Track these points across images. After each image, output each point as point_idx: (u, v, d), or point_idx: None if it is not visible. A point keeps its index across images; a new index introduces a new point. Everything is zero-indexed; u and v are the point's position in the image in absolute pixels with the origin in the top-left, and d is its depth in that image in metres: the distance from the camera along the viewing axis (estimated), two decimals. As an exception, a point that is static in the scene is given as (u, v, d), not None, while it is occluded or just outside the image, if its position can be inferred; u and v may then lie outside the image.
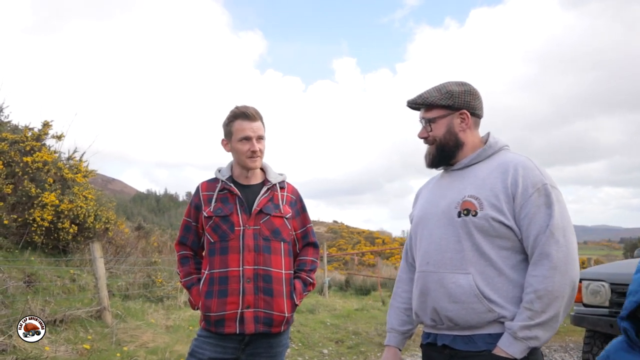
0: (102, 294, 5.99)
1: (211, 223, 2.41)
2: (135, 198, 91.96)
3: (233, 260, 2.34)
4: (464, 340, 1.78)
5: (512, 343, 1.67)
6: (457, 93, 1.93)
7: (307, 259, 2.57)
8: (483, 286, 1.75)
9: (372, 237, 53.26)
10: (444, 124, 1.94)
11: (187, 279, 2.50)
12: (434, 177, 2.16)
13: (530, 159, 1.85)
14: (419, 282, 1.91)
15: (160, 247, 12.81)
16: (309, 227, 2.62)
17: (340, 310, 9.99)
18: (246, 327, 2.30)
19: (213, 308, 2.32)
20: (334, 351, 6.87)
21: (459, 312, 1.76)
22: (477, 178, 1.86)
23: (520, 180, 1.77)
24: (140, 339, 5.71)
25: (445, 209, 1.88)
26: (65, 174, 8.23)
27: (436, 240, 1.87)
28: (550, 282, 1.67)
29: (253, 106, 2.46)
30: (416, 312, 1.95)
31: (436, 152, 1.96)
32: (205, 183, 2.54)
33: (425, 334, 1.97)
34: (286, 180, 2.59)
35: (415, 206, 2.16)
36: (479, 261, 1.77)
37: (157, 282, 7.85)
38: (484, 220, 1.76)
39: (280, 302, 2.36)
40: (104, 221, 8.36)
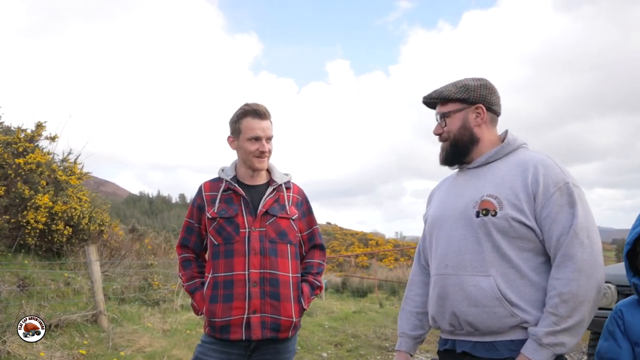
0: (98, 298, 5.87)
1: (215, 225, 2.32)
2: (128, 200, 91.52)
3: (238, 263, 2.26)
4: (485, 346, 1.71)
5: (537, 350, 1.60)
6: (472, 87, 1.87)
7: (314, 262, 2.48)
8: (505, 289, 1.67)
9: (365, 239, 53.22)
10: (458, 118, 1.87)
11: (190, 283, 2.41)
12: (449, 177, 2.08)
13: (550, 157, 1.78)
14: (437, 286, 1.83)
15: (154, 249, 12.67)
16: (316, 229, 2.54)
17: (338, 313, 9.91)
18: (253, 333, 2.22)
19: (218, 313, 2.23)
20: (334, 354, 6.79)
21: (480, 317, 1.69)
22: (496, 176, 1.79)
23: (541, 179, 1.69)
24: (137, 344, 5.60)
25: (463, 209, 1.80)
26: (59, 175, 8.10)
27: (454, 242, 1.79)
28: (575, 285, 1.60)
29: (263, 104, 2.37)
30: (433, 316, 1.87)
31: (450, 148, 1.90)
32: (208, 183, 2.45)
33: (442, 340, 1.89)
34: (292, 180, 2.51)
35: (429, 206, 2.08)
36: (499, 263, 1.70)
37: (153, 285, 7.73)
38: (504, 221, 1.69)
39: (288, 306, 2.27)
40: (98, 223, 8.23)
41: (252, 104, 2.36)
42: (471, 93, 1.86)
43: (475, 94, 1.86)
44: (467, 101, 1.86)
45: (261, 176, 2.43)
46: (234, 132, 2.39)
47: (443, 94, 1.88)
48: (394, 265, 27.67)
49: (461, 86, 1.88)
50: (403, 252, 36.06)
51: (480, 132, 1.87)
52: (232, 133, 2.40)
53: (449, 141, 1.90)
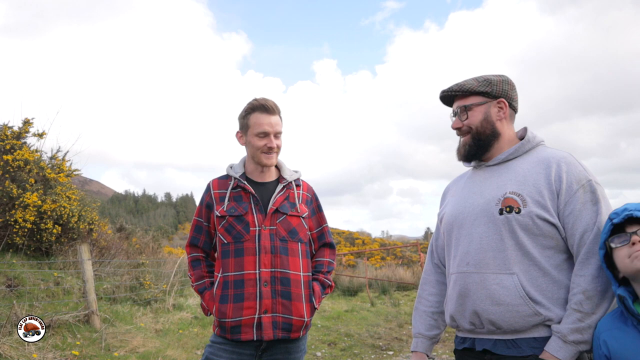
0: (90, 298, 5.77)
1: (224, 223, 2.27)
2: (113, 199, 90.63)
3: (249, 262, 2.21)
4: (507, 344, 1.68)
5: (562, 347, 1.58)
6: (495, 81, 1.86)
7: (324, 260, 2.44)
8: (528, 287, 1.65)
9: (352, 238, 53.34)
10: (480, 111, 1.85)
11: (199, 283, 2.35)
12: (464, 174, 2.06)
13: (571, 154, 1.76)
14: (458, 284, 1.80)
15: (142, 248, 12.54)
16: (325, 227, 2.50)
17: (330, 312, 9.88)
18: (264, 333, 2.17)
19: (229, 314, 2.18)
20: (328, 354, 6.76)
21: (503, 315, 1.66)
22: (518, 174, 1.76)
23: (565, 176, 1.68)
24: (130, 344, 5.52)
25: (485, 206, 1.77)
26: (47, 173, 7.96)
27: (476, 240, 1.76)
28: (599, 282, 1.59)
29: (272, 99, 2.33)
30: (453, 315, 1.83)
31: (472, 141, 1.86)
32: (216, 180, 2.40)
33: (460, 339, 1.86)
34: (301, 177, 2.47)
35: (444, 204, 2.05)
36: (522, 261, 1.67)
37: (144, 284, 7.63)
38: (528, 218, 1.67)
39: (300, 306, 2.23)
40: (88, 222, 8.11)
41: (260, 99, 2.32)
42: (494, 87, 1.84)
43: (498, 88, 1.85)
44: (489, 95, 1.84)
45: (270, 173, 2.39)
46: (242, 128, 2.34)
47: (465, 87, 1.85)
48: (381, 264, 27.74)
49: (483, 80, 1.86)
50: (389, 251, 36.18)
51: (501, 127, 1.85)
52: (241, 129, 2.35)
53: (470, 134, 1.87)
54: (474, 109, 1.85)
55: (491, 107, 1.85)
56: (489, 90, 1.84)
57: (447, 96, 1.94)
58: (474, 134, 1.86)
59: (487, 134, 1.84)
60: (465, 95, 1.87)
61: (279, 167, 2.43)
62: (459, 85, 1.88)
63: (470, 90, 1.85)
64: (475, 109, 1.85)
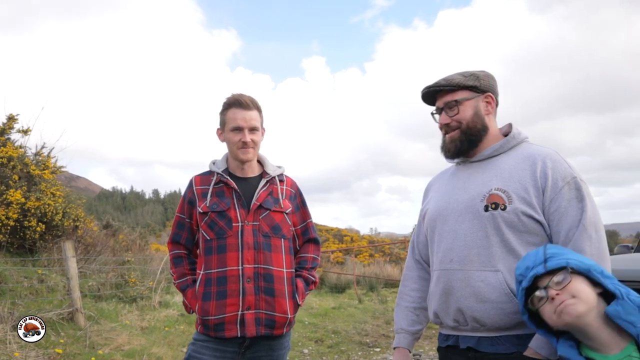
0: (74, 295, 5.70)
1: (207, 219, 2.25)
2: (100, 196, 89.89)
3: (232, 258, 2.19)
4: (491, 341, 1.68)
5: (547, 344, 1.58)
6: (481, 75, 1.85)
7: (308, 256, 2.43)
8: (513, 284, 1.65)
9: (340, 235, 53.32)
10: (470, 106, 1.82)
11: (181, 281, 2.33)
12: (447, 170, 2.04)
13: (556, 151, 1.76)
14: (441, 281, 1.79)
15: (129, 245, 12.45)
16: (310, 223, 2.49)
17: (318, 309, 9.88)
18: (247, 330, 2.15)
19: (212, 311, 2.16)
20: (315, 351, 6.75)
21: (487, 312, 1.66)
22: (503, 170, 1.75)
23: (550, 173, 1.67)
24: (115, 342, 5.46)
25: (469, 202, 1.76)
26: (32, 170, 7.85)
27: (461, 236, 1.75)
28: None
29: (249, 95, 2.31)
30: (436, 312, 1.82)
31: (463, 137, 1.83)
32: (198, 177, 2.38)
33: (443, 336, 1.86)
34: (285, 173, 2.45)
35: (427, 200, 2.04)
36: (507, 258, 1.67)
37: (130, 281, 7.57)
38: (514, 215, 1.66)
39: (283, 302, 2.22)
40: (73, 219, 8.02)
41: (236, 94, 2.31)
42: (481, 81, 1.83)
43: (485, 82, 1.84)
44: (477, 89, 1.82)
45: (253, 168, 2.37)
46: (221, 124, 2.34)
47: (454, 81, 1.83)
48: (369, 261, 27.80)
49: (470, 74, 1.84)
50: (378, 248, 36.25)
51: (489, 121, 1.84)
52: (220, 125, 2.35)
53: (460, 130, 1.84)
54: (464, 103, 1.82)
55: (479, 101, 1.83)
56: (477, 84, 1.82)
57: (428, 94, 1.91)
58: (464, 130, 1.83)
59: (478, 128, 1.83)
60: (453, 90, 1.84)
61: (262, 162, 2.41)
62: (446, 79, 1.85)
63: (458, 85, 1.82)
64: (465, 103, 1.82)
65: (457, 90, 1.83)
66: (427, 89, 1.90)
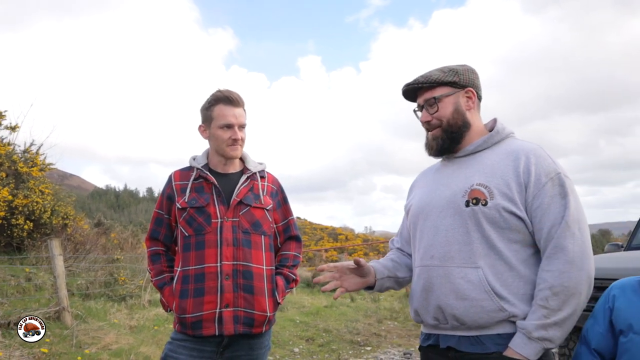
0: (61, 294, 5.64)
1: (185, 215, 2.21)
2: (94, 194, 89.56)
3: (210, 255, 2.14)
4: (471, 341, 1.64)
5: (527, 344, 1.54)
6: (461, 71, 1.81)
7: (289, 254, 2.39)
8: (494, 282, 1.61)
9: (335, 234, 53.36)
10: (450, 102, 1.78)
11: (158, 278, 2.28)
12: (432, 167, 2.01)
13: (541, 146, 1.72)
14: (421, 278, 1.75)
15: (121, 244, 12.37)
16: (291, 220, 2.44)
17: (309, 308, 9.84)
18: (225, 328, 2.11)
19: (189, 309, 2.12)
20: (305, 349, 6.72)
21: (467, 310, 1.62)
22: (485, 165, 1.72)
23: (533, 169, 1.63)
24: (102, 341, 5.40)
25: (451, 198, 1.72)
26: (19, 167, 7.78)
27: (442, 232, 1.71)
28: (566, 278, 1.54)
29: (236, 91, 2.27)
30: (417, 309, 1.78)
31: (445, 134, 1.79)
32: (178, 172, 2.33)
33: (425, 335, 1.82)
34: (266, 169, 2.41)
35: (411, 196, 2.00)
36: (488, 254, 1.63)
37: (119, 280, 7.51)
38: (495, 211, 1.62)
39: (262, 300, 2.17)
40: (62, 217, 7.95)
41: (224, 90, 2.26)
42: (461, 76, 1.79)
43: (465, 77, 1.79)
44: (457, 84, 1.78)
45: (234, 164, 2.33)
46: (205, 120, 2.28)
47: (432, 77, 1.79)
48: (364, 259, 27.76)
49: (449, 70, 1.80)
50: (372, 247, 36.29)
51: (471, 117, 1.80)
52: (204, 121, 2.29)
53: (441, 128, 1.80)
54: (443, 100, 1.78)
55: (460, 97, 1.79)
56: (457, 80, 1.78)
57: (409, 90, 1.87)
58: (445, 127, 1.79)
59: (459, 125, 1.78)
60: (432, 87, 1.80)
61: (243, 158, 2.37)
62: (425, 76, 1.81)
63: (437, 81, 1.78)
64: (444, 100, 1.78)
65: (436, 87, 1.79)
66: (406, 86, 1.86)
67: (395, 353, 6.57)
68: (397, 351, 6.69)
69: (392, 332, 8.03)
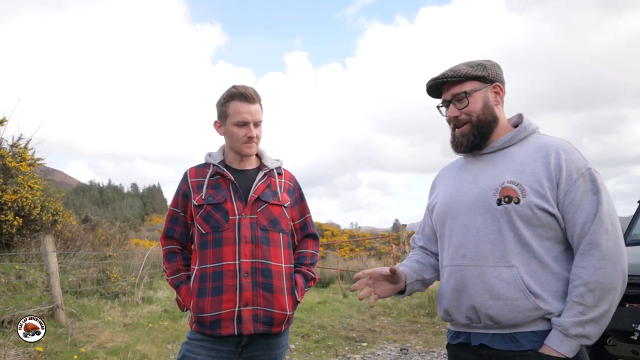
0: (54, 291, 5.54)
1: (202, 212, 2.15)
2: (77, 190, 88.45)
3: (228, 253, 2.09)
4: (504, 339, 1.61)
5: (563, 341, 1.52)
6: (488, 65, 1.77)
7: (307, 252, 2.35)
8: (528, 280, 1.58)
9: (321, 230, 53.39)
10: (480, 97, 1.75)
11: (174, 277, 2.23)
12: (454, 162, 1.97)
13: (569, 141, 1.70)
14: (453, 277, 1.72)
15: (108, 240, 12.22)
16: (308, 217, 2.40)
17: (303, 304, 9.80)
18: (244, 327, 2.06)
19: (207, 308, 2.06)
20: (301, 346, 6.69)
21: (502, 310, 1.59)
22: (515, 162, 1.69)
23: (564, 165, 1.61)
24: (98, 339, 5.32)
25: (481, 196, 1.69)
26: (8, 162, 7.61)
27: (473, 231, 1.68)
28: (601, 274, 1.53)
29: (252, 87, 2.22)
30: (447, 309, 1.75)
31: (475, 130, 1.75)
32: (194, 169, 2.28)
33: (454, 333, 1.79)
34: (283, 166, 2.36)
35: (435, 194, 1.96)
36: (521, 253, 1.60)
37: (111, 277, 7.40)
38: (528, 209, 1.59)
39: (281, 298, 2.13)
40: (52, 213, 7.81)
41: (239, 86, 2.21)
42: (489, 71, 1.76)
43: (493, 72, 1.76)
44: (486, 79, 1.75)
45: (251, 161, 2.28)
46: (220, 116, 2.23)
47: (461, 72, 1.75)
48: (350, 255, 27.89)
49: (477, 64, 1.77)
50: (359, 243, 36.39)
51: (498, 112, 1.78)
52: (219, 117, 2.24)
53: (470, 123, 1.76)
54: (473, 94, 1.74)
55: (488, 92, 1.76)
56: (485, 74, 1.75)
57: (434, 85, 1.83)
58: (475, 122, 1.75)
59: (489, 120, 1.75)
60: (461, 81, 1.76)
61: (259, 155, 2.33)
62: (454, 70, 1.77)
63: (466, 75, 1.74)
64: (474, 94, 1.74)
65: (465, 81, 1.76)
66: (434, 80, 1.81)
67: (391, 349, 6.57)
68: (393, 347, 6.69)
69: (387, 328, 8.03)
